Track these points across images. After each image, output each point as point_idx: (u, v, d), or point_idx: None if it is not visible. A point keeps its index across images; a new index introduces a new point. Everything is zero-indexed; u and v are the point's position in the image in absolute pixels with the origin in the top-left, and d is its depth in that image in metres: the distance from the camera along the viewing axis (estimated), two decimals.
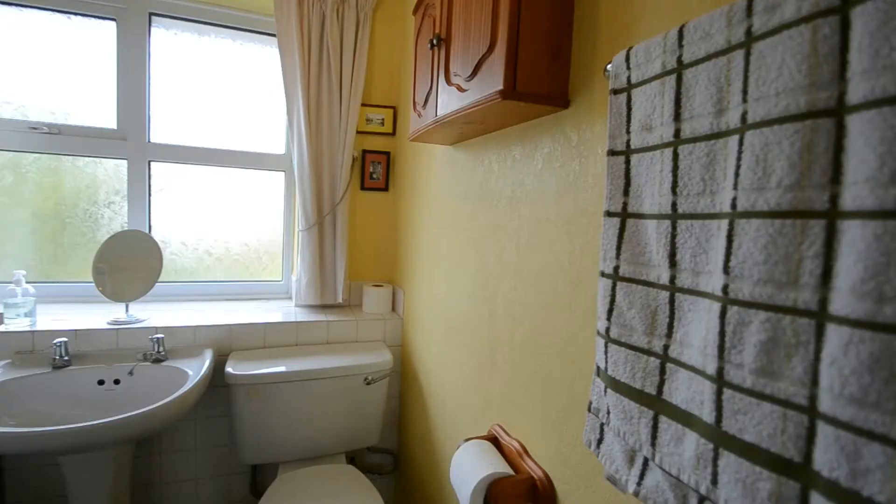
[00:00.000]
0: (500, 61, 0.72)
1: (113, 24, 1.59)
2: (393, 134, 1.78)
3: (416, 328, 1.54)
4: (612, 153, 0.54)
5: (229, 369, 1.37)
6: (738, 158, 0.40)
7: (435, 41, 0.96)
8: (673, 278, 0.46)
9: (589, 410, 0.57)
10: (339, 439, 1.49)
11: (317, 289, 1.65)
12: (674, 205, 0.46)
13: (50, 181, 1.59)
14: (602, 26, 0.68)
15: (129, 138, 1.62)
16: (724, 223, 0.40)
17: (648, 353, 0.48)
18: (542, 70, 0.74)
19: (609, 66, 0.57)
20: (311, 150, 1.60)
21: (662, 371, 0.47)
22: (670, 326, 0.47)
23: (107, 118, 1.62)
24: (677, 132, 0.46)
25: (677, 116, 0.46)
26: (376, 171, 1.77)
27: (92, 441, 1.06)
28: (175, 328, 1.45)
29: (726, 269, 0.40)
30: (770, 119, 0.37)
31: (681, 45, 0.46)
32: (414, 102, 1.16)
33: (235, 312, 1.60)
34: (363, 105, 1.70)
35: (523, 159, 0.88)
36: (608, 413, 0.53)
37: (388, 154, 1.78)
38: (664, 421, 0.47)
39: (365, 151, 1.75)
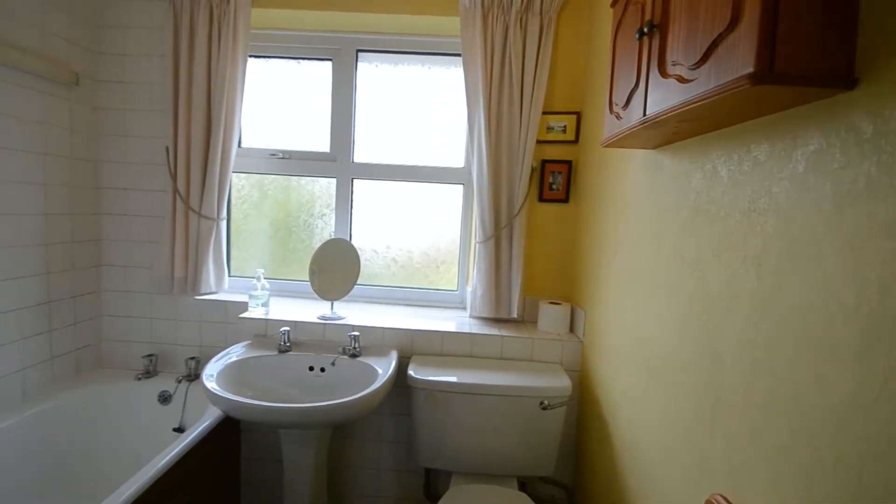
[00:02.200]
0: (750, 37, 0.57)
1: (329, 63, 1.87)
2: (575, 141, 1.67)
3: (601, 356, 1.39)
4: None
5: (411, 372, 1.44)
6: None
7: (646, 29, 0.83)
8: None
9: None
10: (511, 462, 1.44)
11: (491, 302, 1.63)
12: None
13: (282, 197, 1.94)
14: None
15: (338, 159, 1.87)
16: None
17: None
18: (814, 41, 0.56)
19: None
20: (491, 162, 1.60)
21: None
22: None
23: (322, 143, 1.90)
24: None
25: None
26: (556, 181, 1.68)
27: (303, 419, 1.24)
28: (368, 328, 1.60)
29: None
30: None
31: None
32: (610, 104, 1.04)
33: (415, 318, 1.70)
34: (544, 113, 1.63)
35: (771, 161, 0.69)
36: None
37: (569, 163, 1.67)
38: None
39: (544, 161, 1.68)
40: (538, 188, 1.69)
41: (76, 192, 1.70)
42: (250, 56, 1.75)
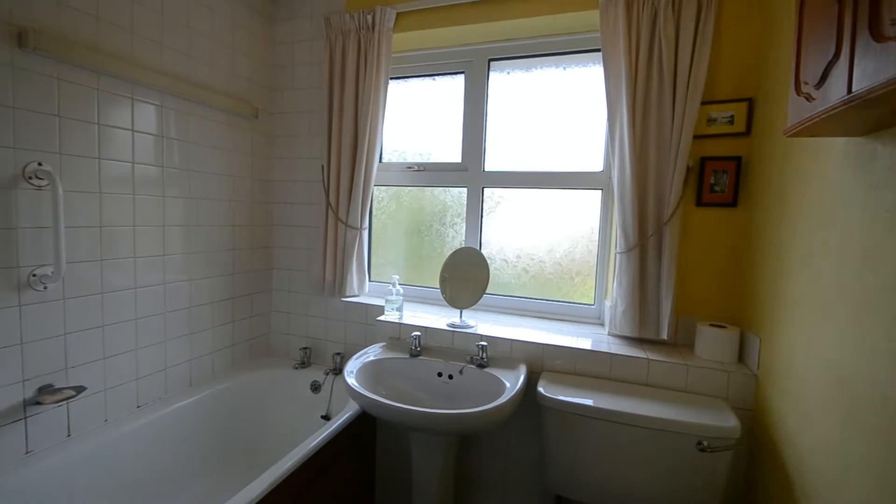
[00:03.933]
0: None
1: (462, 76, 1.90)
2: (746, 133, 1.39)
3: (783, 395, 1.12)
4: None
5: (541, 389, 1.35)
6: None
7: None
8: None
9: None
10: None
11: (635, 319, 1.45)
12: None
13: (416, 207, 2.03)
14: None
15: (469, 169, 1.89)
16: None
17: None
18: None
19: None
20: (635, 163, 1.43)
21: None
22: None
23: (454, 154, 1.93)
24: None
25: None
26: (720, 181, 1.42)
27: (429, 424, 1.24)
28: (496, 338, 1.56)
29: None
30: None
31: None
32: (797, 83, 0.84)
33: (547, 332, 1.60)
34: (703, 103, 1.40)
35: None
36: None
37: (738, 159, 1.40)
38: None
39: (704, 159, 1.44)
40: (695, 190, 1.46)
41: (255, 206, 2.02)
42: (391, 78, 1.88)
